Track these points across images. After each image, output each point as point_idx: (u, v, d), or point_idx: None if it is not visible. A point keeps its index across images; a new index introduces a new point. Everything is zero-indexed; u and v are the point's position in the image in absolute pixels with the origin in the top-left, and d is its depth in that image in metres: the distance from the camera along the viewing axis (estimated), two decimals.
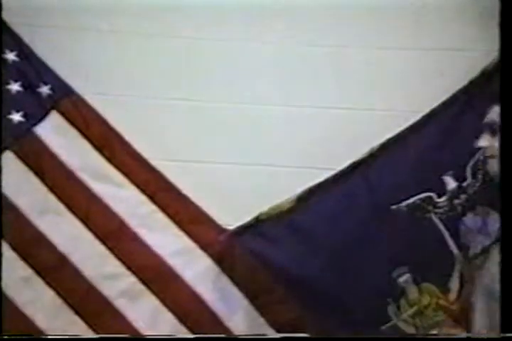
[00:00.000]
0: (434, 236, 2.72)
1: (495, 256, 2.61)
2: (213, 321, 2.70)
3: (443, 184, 2.73)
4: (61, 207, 2.71)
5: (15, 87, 2.71)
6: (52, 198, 2.71)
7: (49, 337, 2.58)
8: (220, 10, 2.77)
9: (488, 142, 2.56)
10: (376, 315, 2.65)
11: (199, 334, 2.68)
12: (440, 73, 2.81)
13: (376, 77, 2.82)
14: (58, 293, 2.68)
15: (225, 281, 2.73)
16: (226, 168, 2.58)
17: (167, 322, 2.69)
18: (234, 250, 2.73)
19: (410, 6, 2.80)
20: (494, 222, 2.65)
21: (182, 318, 2.69)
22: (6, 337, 2.45)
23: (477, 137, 2.73)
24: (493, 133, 2.55)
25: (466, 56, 2.79)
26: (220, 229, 2.75)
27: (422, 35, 2.83)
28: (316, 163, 2.52)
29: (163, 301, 2.70)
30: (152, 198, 2.74)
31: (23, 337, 2.42)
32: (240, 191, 2.74)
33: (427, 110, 2.75)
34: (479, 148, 2.72)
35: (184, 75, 2.79)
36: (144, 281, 2.71)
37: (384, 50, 2.81)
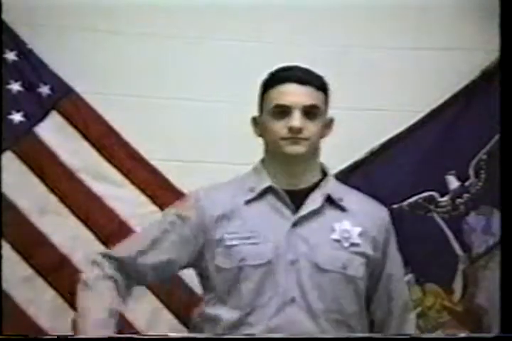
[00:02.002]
0: (437, 236, 2.70)
1: (499, 256, 2.58)
2: None
3: (445, 183, 2.72)
4: (61, 207, 2.70)
5: (15, 86, 2.71)
6: (52, 198, 2.70)
7: (49, 337, 2.56)
8: (221, 10, 2.77)
9: None
10: None
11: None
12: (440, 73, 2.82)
13: (376, 76, 2.82)
14: (59, 293, 2.67)
15: None
16: (226, 168, 2.57)
17: (167, 322, 2.68)
18: None
19: (410, 6, 2.80)
20: (498, 221, 2.63)
21: (182, 318, 2.67)
22: (6, 336, 2.44)
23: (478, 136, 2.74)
24: None
25: (466, 56, 2.79)
26: None
27: (422, 35, 2.83)
28: None
29: (163, 301, 2.69)
30: (152, 198, 2.74)
31: (24, 337, 2.40)
32: None
33: (427, 110, 2.76)
34: (482, 147, 2.72)
35: (185, 75, 2.79)
36: None
37: (384, 49, 2.81)
